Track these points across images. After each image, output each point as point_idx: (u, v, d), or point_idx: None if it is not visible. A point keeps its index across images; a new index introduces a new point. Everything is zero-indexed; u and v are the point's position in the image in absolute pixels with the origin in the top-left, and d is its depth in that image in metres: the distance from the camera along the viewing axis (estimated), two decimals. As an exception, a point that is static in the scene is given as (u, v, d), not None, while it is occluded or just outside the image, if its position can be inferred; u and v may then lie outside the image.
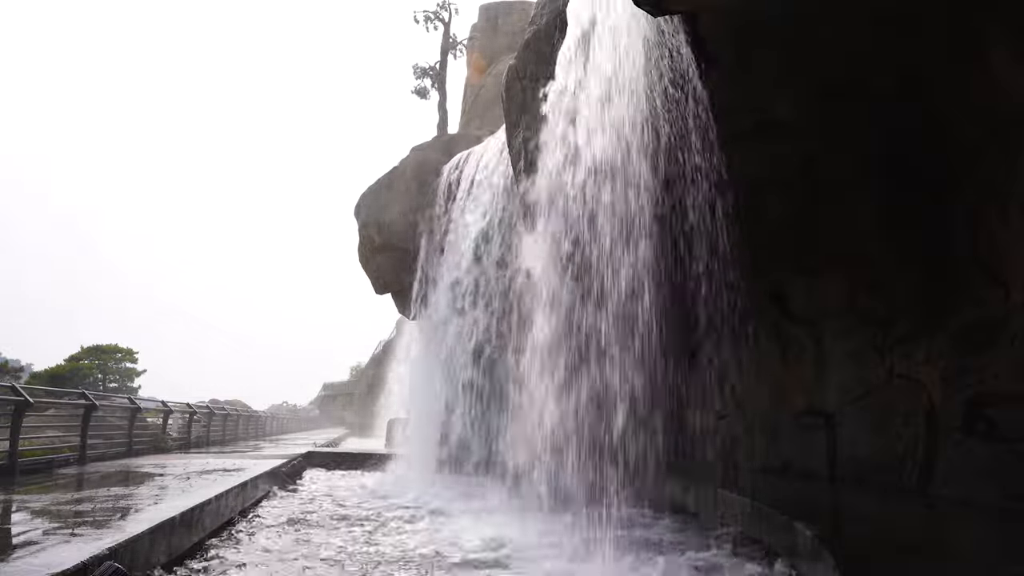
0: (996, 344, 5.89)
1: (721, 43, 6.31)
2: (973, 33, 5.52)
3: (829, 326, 7.82)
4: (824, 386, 7.84)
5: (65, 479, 8.86)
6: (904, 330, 6.95)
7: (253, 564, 5.77)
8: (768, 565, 5.38)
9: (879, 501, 6.51)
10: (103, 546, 4.32)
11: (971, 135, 6.02)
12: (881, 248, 7.02)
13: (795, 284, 8.18)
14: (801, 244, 7.68)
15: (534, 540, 6.64)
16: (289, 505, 9.47)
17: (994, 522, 5.34)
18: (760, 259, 7.67)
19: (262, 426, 29.75)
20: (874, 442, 7.10)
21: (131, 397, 16.71)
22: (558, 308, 7.80)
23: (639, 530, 7.16)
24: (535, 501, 7.48)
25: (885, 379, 7.13)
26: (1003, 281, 5.87)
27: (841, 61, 6.10)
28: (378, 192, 19.29)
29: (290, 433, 34.70)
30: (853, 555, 4.22)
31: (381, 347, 46.23)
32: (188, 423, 17.93)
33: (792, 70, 6.28)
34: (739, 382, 8.74)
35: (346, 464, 16.23)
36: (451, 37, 27.84)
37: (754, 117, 6.80)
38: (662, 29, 6.94)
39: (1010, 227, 5.73)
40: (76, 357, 39.38)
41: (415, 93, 28.74)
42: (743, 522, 6.45)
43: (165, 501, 6.67)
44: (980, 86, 5.63)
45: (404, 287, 18.33)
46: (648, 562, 5.72)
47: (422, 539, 7.01)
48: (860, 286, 7.37)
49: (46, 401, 12.36)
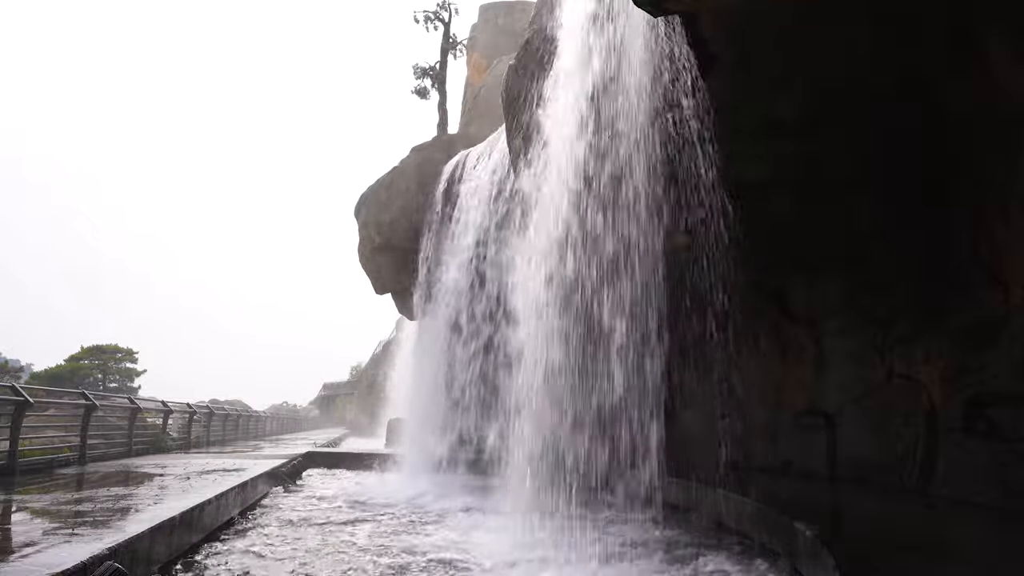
0: (996, 344, 5.89)
1: (721, 43, 6.30)
2: (973, 33, 5.52)
3: (829, 326, 7.82)
4: (824, 386, 7.83)
5: (65, 479, 8.86)
6: (904, 330, 6.95)
7: (253, 564, 5.77)
8: (768, 565, 5.39)
9: (879, 501, 6.51)
10: (103, 546, 4.33)
11: (971, 135, 6.01)
12: (881, 248, 7.02)
13: (795, 284, 8.17)
14: (801, 244, 7.68)
15: (528, 539, 6.61)
16: (289, 505, 9.47)
17: (994, 522, 5.33)
18: (760, 259, 7.67)
19: (262, 426, 29.76)
20: (874, 442, 7.10)
21: (131, 397, 16.72)
22: (556, 308, 7.80)
23: (636, 531, 7.15)
24: (534, 502, 7.48)
25: (885, 379, 7.12)
26: (1003, 281, 5.86)
27: (841, 61, 6.09)
28: (378, 192, 19.30)
29: (290, 433, 34.71)
30: (853, 555, 4.22)
31: (381, 347, 46.28)
32: (188, 423, 17.94)
33: (792, 70, 6.28)
34: (739, 382, 8.74)
35: (346, 464, 16.23)
36: (451, 37, 27.77)
37: (754, 117, 6.80)
38: (662, 28, 6.94)
39: (1010, 227, 5.72)
40: (76, 357, 39.40)
41: (415, 93, 28.66)
42: (743, 522, 6.45)
43: (165, 501, 6.67)
44: (980, 86, 5.63)
45: (404, 287, 18.33)
46: (647, 564, 5.72)
47: (422, 540, 7.01)
48: (860, 286, 7.37)
49: (46, 401, 12.37)
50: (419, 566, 5.85)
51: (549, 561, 5.87)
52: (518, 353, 8.46)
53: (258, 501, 9.38)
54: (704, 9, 6.05)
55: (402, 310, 20.88)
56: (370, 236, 19.31)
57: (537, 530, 6.68)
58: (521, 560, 5.96)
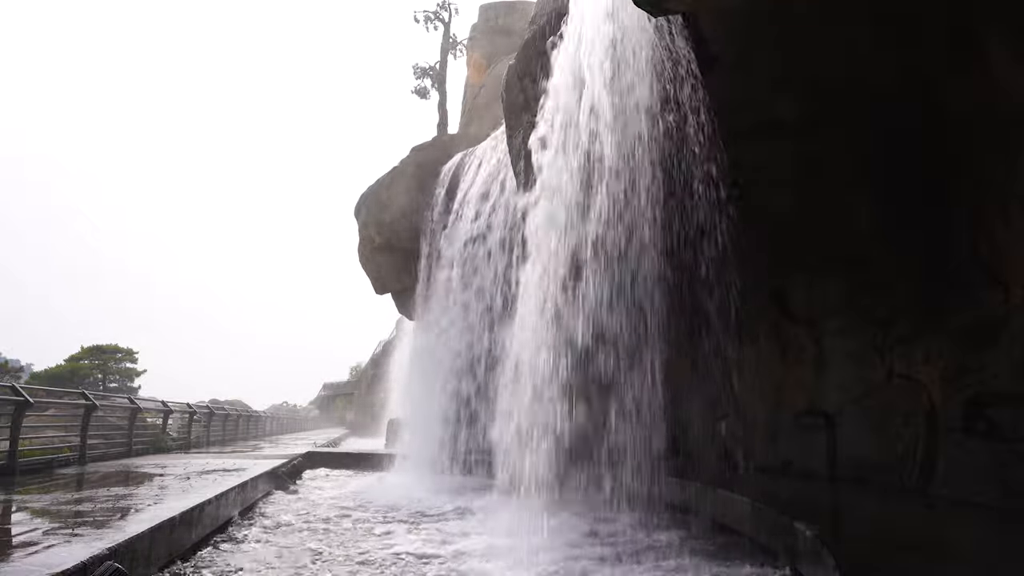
0: (996, 344, 5.89)
1: (721, 43, 6.32)
2: (973, 33, 5.53)
3: (829, 326, 7.82)
4: (824, 386, 7.84)
5: (65, 479, 8.86)
6: (904, 330, 6.95)
7: (253, 564, 5.77)
8: (768, 565, 5.38)
9: (879, 501, 6.51)
10: (103, 546, 4.32)
11: (971, 135, 6.02)
12: (881, 248, 7.02)
13: (795, 284, 8.18)
14: (801, 244, 7.68)
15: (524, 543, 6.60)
16: (289, 505, 9.47)
17: (994, 522, 5.34)
18: (760, 259, 7.67)
19: (262, 426, 29.74)
20: (874, 442, 7.10)
21: (131, 397, 16.71)
22: (555, 308, 7.79)
23: (635, 531, 7.14)
24: (532, 503, 7.47)
25: (885, 379, 7.13)
26: (1003, 281, 5.87)
27: (841, 61, 6.10)
28: (378, 192, 19.31)
29: (290, 433, 34.69)
30: (853, 555, 4.22)
31: (381, 347, 46.25)
32: (188, 423, 17.93)
33: (792, 70, 6.28)
34: (739, 382, 8.74)
35: (346, 464, 16.23)
36: (451, 37, 27.81)
37: (754, 117, 6.81)
38: (662, 29, 6.94)
39: (1010, 227, 5.73)
40: (76, 357, 39.38)
41: (415, 93, 28.72)
42: (743, 522, 6.45)
43: (165, 501, 6.66)
44: (980, 86, 5.63)
45: (404, 287, 18.34)
46: (646, 565, 5.72)
47: (420, 541, 7.01)
48: (860, 286, 7.37)
49: (46, 401, 12.36)
50: (418, 565, 5.86)
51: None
52: (517, 353, 8.45)
53: (258, 501, 9.37)
54: (704, 9, 6.06)
55: (402, 310, 20.89)
56: (370, 236, 19.32)
57: (537, 531, 6.68)
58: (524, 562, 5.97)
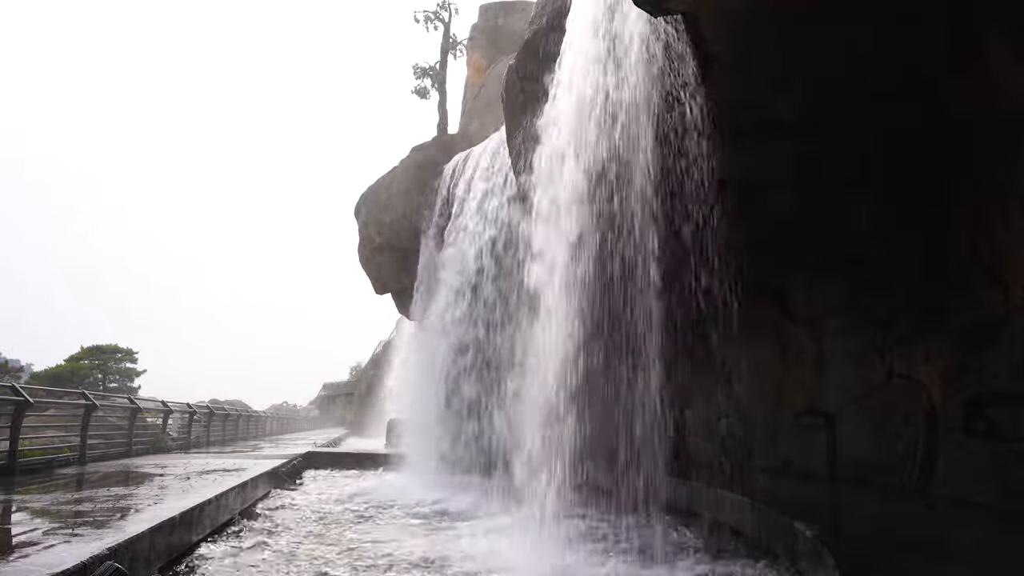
0: (996, 344, 5.89)
1: (721, 43, 6.31)
2: (973, 33, 5.52)
3: (829, 326, 7.82)
4: (824, 386, 7.83)
5: (65, 479, 8.86)
6: (904, 330, 6.95)
7: (253, 564, 5.77)
8: (768, 566, 5.38)
9: (879, 501, 6.51)
10: (103, 546, 4.32)
11: (971, 135, 6.01)
12: (881, 248, 7.02)
13: (795, 284, 8.17)
14: (801, 244, 7.68)
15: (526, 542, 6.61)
16: (289, 505, 9.48)
17: (994, 522, 5.34)
18: (760, 259, 7.67)
19: (262, 426, 29.75)
20: (874, 442, 7.09)
21: (131, 397, 16.71)
22: (554, 308, 7.79)
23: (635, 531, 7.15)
24: (532, 503, 7.47)
25: (885, 379, 7.12)
26: (1003, 281, 5.86)
27: (841, 61, 6.10)
28: (378, 192, 19.33)
29: (290, 433, 34.69)
30: (853, 555, 4.22)
31: (381, 347, 46.25)
32: (188, 423, 17.93)
33: (792, 70, 6.28)
34: (739, 382, 8.74)
35: (346, 464, 16.23)
36: (451, 37, 27.81)
37: (754, 117, 6.80)
38: (662, 28, 6.94)
39: (1010, 227, 5.73)
40: (76, 357, 39.42)
41: (415, 93, 28.72)
42: (743, 522, 6.45)
43: (165, 501, 6.67)
44: (980, 86, 5.63)
45: (404, 287, 18.35)
46: (645, 565, 5.72)
47: (423, 542, 7.01)
48: (860, 286, 7.37)
49: (46, 401, 12.36)
50: (421, 567, 5.86)
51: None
52: (515, 354, 8.45)
53: (258, 501, 9.38)
54: (704, 9, 6.05)
55: (402, 310, 20.90)
56: (370, 236, 19.34)
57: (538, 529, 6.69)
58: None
